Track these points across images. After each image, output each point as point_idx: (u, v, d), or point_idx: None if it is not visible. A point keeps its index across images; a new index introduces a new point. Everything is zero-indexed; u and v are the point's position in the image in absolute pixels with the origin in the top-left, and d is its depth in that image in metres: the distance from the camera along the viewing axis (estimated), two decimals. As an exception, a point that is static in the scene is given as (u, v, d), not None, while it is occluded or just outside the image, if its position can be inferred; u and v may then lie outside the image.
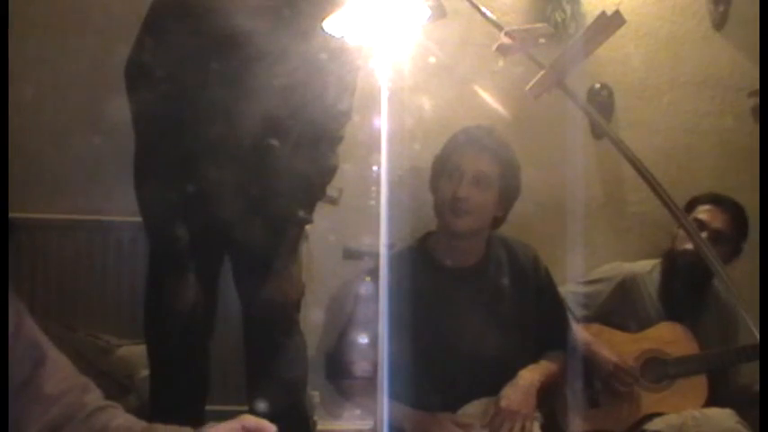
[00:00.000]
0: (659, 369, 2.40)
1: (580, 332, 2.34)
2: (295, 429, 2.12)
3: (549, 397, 2.14)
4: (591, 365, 2.32)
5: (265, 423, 1.04)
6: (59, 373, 1.09)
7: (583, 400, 2.35)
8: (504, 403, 1.98)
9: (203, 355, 2.11)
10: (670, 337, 2.42)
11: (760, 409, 1.13)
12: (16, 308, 1.07)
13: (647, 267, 2.57)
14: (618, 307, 2.52)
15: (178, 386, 2.04)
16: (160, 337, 2.07)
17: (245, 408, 2.01)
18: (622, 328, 2.48)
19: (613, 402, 2.37)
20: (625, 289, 2.53)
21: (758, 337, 1.05)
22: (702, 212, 2.46)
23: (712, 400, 2.34)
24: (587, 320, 2.48)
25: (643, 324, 2.47)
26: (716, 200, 2.50)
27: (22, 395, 1.01)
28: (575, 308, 2.50)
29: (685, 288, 2.46)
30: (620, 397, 2.35)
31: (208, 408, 2.10)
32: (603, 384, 2.35)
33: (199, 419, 1.54)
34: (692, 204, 2.51)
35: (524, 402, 1.99)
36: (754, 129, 2.94)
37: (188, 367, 2.06)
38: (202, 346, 2.10)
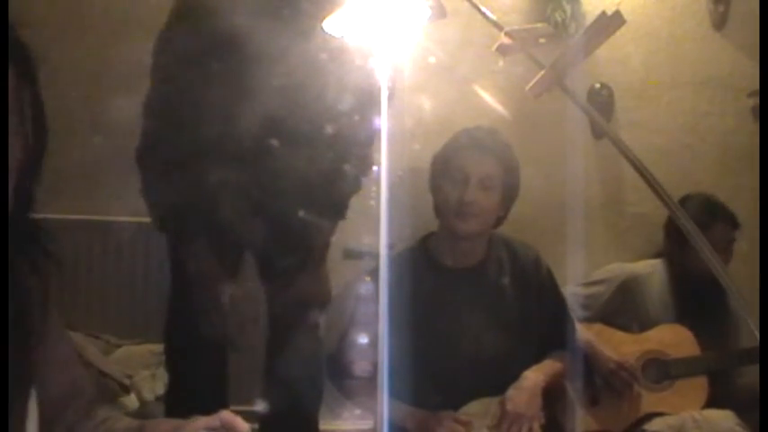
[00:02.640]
0: (660, 369, 2.40)
1: (581, 331, 2.34)
2: None
3: (553, 397, 2.14)
4: (592, 364, 2.32)
5: (238, 421, 1.06)
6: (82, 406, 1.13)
7: (583, 399, 2.35)
8: (510, 406, 1.97)
9: (223, 358, 2.09)
10: (671, 339, 2.43)
11: (760, 411, 1.13)
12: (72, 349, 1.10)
13: (647, 268, 2.57)
14: (619, 308, 2.53)
15: (198, 390, 2.01)
16: (184, 341, 2.03)
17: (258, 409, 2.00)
18: (624, 328, 2.48)
19: (614, 401, 2.37)
20: (626, 290, 2.53)
21: (758, 337, 1.05)
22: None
23: (712, 402, 2.34)
24: (588, 321, 2.49)
25: (644, 325, 2.48)
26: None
27: (48, 425, 1.04)
28: (576, 309, 2.50)
29: (694, 288, 2.46)
30: (621, 395, 2.36)
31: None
32: (604, 383, 2.35)
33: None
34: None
35: (530, 404, 1.99)
36: (754, 129, 2.94)
37: (209, 371, 2.04)
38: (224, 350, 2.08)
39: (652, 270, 2.56)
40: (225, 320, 2.00)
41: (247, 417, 1.13)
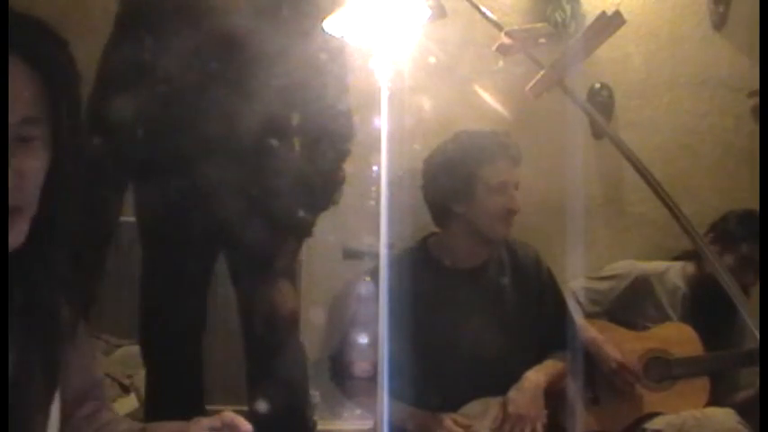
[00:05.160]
0: (662, 368, 2.39)
1: (585, 329, 2.34)
2: None
3: (555, 398, 2.13)
4: (594, 362, 2.32)
5: (241, 420, 1.06)
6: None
7: (584, 398, 2.35)
8: (512, 408, 1.97)
9: (197, 355, 2.09)
10: (676, 338, 2.42)
11: (760, 410, 1.13)
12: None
13: (659, 268, 2.57)
14: (628, 304, 2.53)
15: (174, 387, 2.02)
16: (156, 338, 2.05)
17: (246, 408, 2.00)
18: (629, 325, 2.47)
19: (614, 400, 2.37)
20: (637, 287, 2.53)
21: (758, 337, 1.05)
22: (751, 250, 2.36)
23: (713, 403, 2.34)
24: (597, 316, 2.49)
25: (650, 323, 2.47)
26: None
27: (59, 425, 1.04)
28: (586, 303, 2.51)
29: (709, 292, 2.42)
30: (622, 395, 2.35)
31: (209, 407, 2.09)
32: (605, 382, 2.35)
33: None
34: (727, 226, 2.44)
35: (532, 405, 1.99)
36: (754, 129, 2.94)
37: (183, 367, 2.04)
38: (196, 346, 2.08)
39: (664, 270, 2.56)
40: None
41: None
